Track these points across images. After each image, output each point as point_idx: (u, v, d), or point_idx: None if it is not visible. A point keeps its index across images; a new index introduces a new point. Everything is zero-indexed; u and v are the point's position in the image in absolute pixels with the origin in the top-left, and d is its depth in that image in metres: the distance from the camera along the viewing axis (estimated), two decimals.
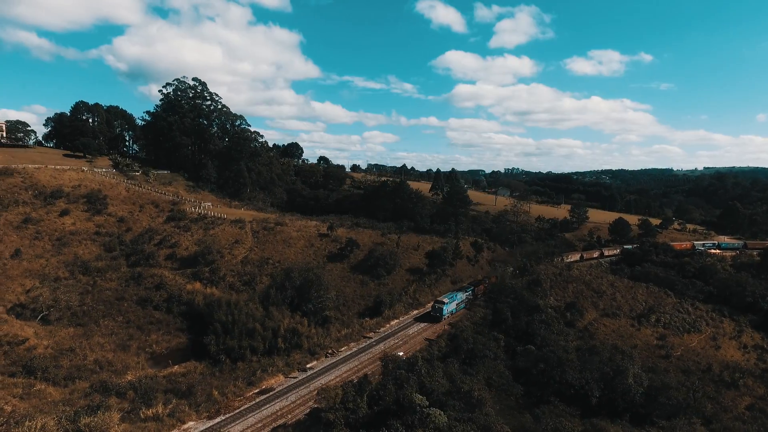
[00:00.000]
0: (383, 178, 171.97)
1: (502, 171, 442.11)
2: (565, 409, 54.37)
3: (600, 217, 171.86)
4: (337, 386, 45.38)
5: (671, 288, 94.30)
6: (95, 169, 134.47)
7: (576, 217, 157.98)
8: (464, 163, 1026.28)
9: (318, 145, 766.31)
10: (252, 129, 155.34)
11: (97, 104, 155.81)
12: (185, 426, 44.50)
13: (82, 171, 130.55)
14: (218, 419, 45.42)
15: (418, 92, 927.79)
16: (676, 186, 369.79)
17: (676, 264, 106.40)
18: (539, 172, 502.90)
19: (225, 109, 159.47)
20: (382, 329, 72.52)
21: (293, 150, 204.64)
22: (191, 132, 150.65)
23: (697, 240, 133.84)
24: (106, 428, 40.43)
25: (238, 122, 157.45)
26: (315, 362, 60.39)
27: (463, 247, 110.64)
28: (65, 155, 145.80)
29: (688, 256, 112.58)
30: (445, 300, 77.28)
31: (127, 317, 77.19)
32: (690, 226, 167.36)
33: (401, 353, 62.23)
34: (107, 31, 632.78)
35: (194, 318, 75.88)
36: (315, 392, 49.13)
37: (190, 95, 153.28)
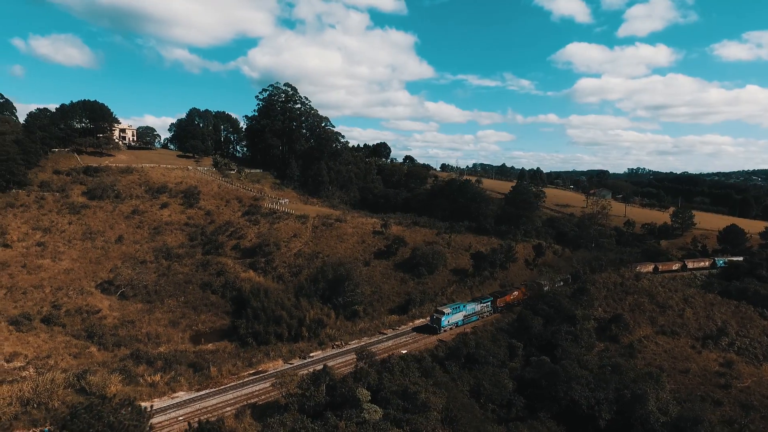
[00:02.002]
0: (464, 177, 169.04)
1: (624, 171, 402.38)
2: (554, 427, 50.26)
3: (719, 223, 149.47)
4: (295, 374, 47.92)
5: None
6: (198, 168, 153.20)
7: (679, 222, 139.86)
8: (587, 162, 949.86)
9: (431, 144, 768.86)
10: (335, 130, 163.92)
11: (207, 110, 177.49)
12: (175, 394, 50.49)
13: (187, 170, 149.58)
14: (203, 392, 50.70)
15: (536, 88, 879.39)
16: None
17: None
18: (671, 172, 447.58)
19: (313, 111, 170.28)
20: (401, 327, 73.04)
21: (381, 150, 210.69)
22: (281, 134, 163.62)
23: None
24: (104, 387, 47.83)
25: (323, 124, 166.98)
26: (319, 352, 63.35)
27: (522, 250, 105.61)
28: (178, 156, 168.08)
29: None
30: (447, 310, 70.60)
31: (187, 298, 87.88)
32: None
33: (404, 351, 62.56)
34: (244, 44, 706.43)
35: (240, 303, 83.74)
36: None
37: (282, 99, 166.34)
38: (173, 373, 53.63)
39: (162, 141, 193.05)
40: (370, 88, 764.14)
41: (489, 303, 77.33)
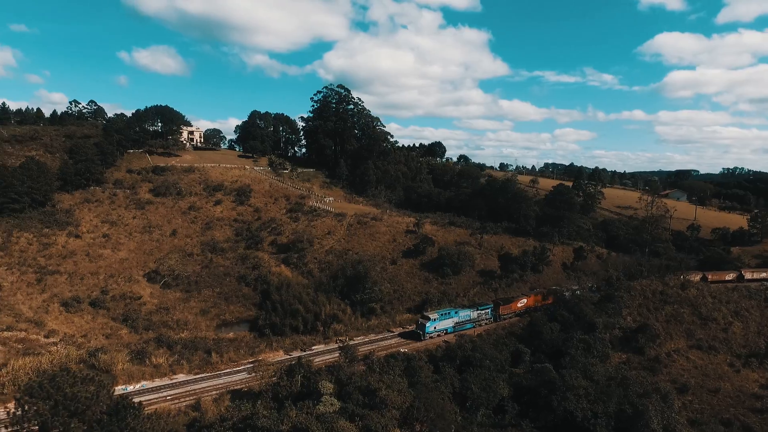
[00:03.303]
0: (516, 177, 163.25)
1: (718, 172, 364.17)
2: None
3: None
4: (270, 364, 49.85)
5: None
6: (255, 168, 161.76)
7: (758, 227, 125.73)
8: (677, 162, 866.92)
9: (505, 144, 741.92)
10: (385, 129, 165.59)
11: (267, 112, 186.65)
12: (175, 376, 54.64)
13: (244, 169, 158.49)
14: (199, 376, 54.42)
15: (620, 83, 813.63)
16: None
17: None
18: None
19: (366, 111, 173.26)
20: (411, 326, 72.91)
21: (436, 149, 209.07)
22: (333, 134, 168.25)
23: None
24: (112, 365, 52.91)
25: (375, 124, 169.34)
26: (322, 346, 65.19)
27: (561, 253, 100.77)
28: (239, 156, 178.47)
29: None
30: (433, 316, 67.51)
31: (222, 289, 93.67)
32: None
33: (404, 350, 62.59)
34: (320, 48, 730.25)
35: (266, 295, 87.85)
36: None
37: (335, 101, 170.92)
38: (177, 356, 57.81)
39: (227, 142, 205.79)
40: (443, 87, 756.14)
41: (489, 310, 72.93)
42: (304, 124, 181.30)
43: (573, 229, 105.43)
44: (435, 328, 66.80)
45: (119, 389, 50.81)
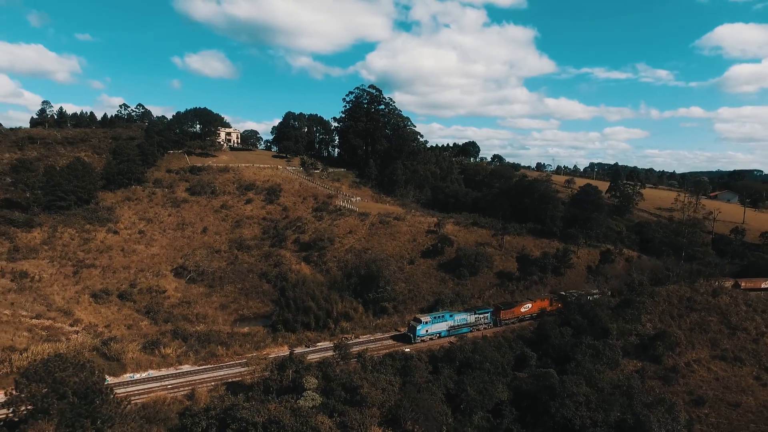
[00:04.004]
0: (552, 178, 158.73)
1: None
2: None
3: None
4: (262, 358, 51.03)
5: None
6: (287, 168, 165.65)
7: None
8: (740, 161, 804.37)
9: (550, 143, 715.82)
10: (415, 129, 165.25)
11: (301, 113, 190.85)
12: (181, 366, 56.95)
13: (277, 169, 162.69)
14: (203, 367, 56.49)
15: (676, 79, 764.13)
16: None
17: None
18: None
19: (397, 111, 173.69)
20: None
21: (469, 148, 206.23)
22: (364, 134, 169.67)
23: None
24: (122, 353, 55.89)
25: (405, 124, 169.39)
26: (327, 343, 65.79)
27: (586, 255, 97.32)
28: (273, 156, 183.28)
29: None
30: (425, 319, 64.87)
31: (244, 285, 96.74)
32: None
33: (408, 349, 62.44)
34: (362, 49, 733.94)
35: (283, 292, 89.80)
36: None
37: (366, 101, 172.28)
38: (185, 348, 60.22)
39: (263, 143, 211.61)
40: (486, 86, 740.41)
41: (488, 315, 70.04)
42: (336, 125, 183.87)
43: (601, 231, 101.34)
44: (427, 331, 64.43)
45: (127, 377, 53.75)
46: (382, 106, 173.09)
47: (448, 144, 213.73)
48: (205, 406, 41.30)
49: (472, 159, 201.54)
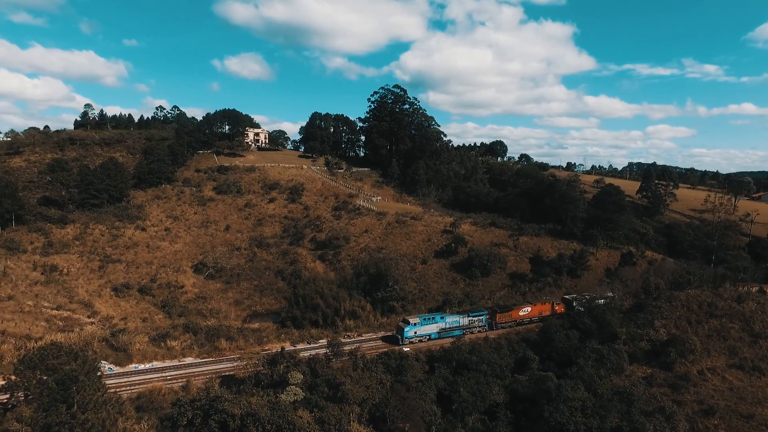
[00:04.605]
0: (580, 178, 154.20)
1: None
2: None
3: None
4: (255, 353, 52.05)
5: None
6: (312, 167, 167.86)
7: None
8: None
9: (590, 142, 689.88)
10: (439, 129, 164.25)
11: (327, 114, 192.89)
12: (185, 359, 58.89)
13: (301, 168, 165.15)
14: (205, 360, 58.23)
15: (726, 74, 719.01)
16: None
17: None
18: None
19: (421, 111, 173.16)
20: None
21: (497, 148, 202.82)
22: (388, 134, 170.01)
23: None
24: (129, 345, 58.34)
25: (429, 123, 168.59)
26: (329, 340, 66.59)
27: (606, 258, 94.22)
28: (300, 156, 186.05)
29: None
30: (414, 320, 63.65)
31: (259, 282, 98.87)
32: None
33: (407, 349, 62.34)
34: (396, 49, 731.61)
35: (296, 289, 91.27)
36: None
37: (390, 101, 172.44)
38: (190, 341, 62.21)
39: (291, 143, 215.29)
40: (523, 84, 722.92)
41: (483, 317, 68.03)
42: (362, 125, 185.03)
43: (623, 233, 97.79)
44: (415, 333, 63.15)
45: (132, 367, 56.10)
46: (407, 106, 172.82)
47: (475, 143, 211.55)
48: (191, 398, 42.56)
49: (499, 159, 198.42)
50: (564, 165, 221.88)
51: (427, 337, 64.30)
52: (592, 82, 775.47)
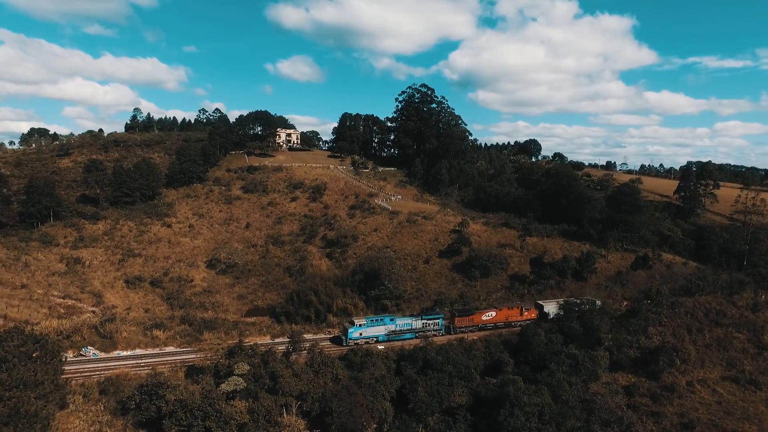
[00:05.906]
0: (616, 178, 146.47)
1: None
2: None
3: None
4: (217, 345, 53.75)
5: None
6: (339, 167, 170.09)
7: None
8: None
9: (650, 141, 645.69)
10: (465, 128, 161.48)
11: (357, 114, 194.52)
12: (166, 348, 61.78)
13: (327, 168, 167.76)
14: (184, 349, 60.79)
15: None
16: None
17: None
18: None
19: (449, 110, 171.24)
20: None
21: (530, 147, 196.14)
22: (415, 134, 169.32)
23: None
24: (115, 333, 61.96)
25: (455, 123, 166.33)
26: (311, 335, 67.60)
27: (618, 260, 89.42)
28: (329, 156, 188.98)
29: None
30: (360, 321, 62.55)
31: (267, 278, 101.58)
32: None
33: (381, 347, 62.22)
34: (445, 47, 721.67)
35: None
36: None
37: (417, 100, 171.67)
38: (173, 332, 65.10)
39: (324, 143, 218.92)
40: (577, 81, 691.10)
41: (439, 321, 65.84)
42: (390, 124, 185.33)
43: (639, 234, 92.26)
44: (361, 334, 62.05)
45: (115, 353, 59.48)
46: (434, 105, 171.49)
47: (508, 142, 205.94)
48: (139, 384, 44.72)
49: (533, 158, 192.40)
50: (636, 165, 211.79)
51: (374, 339, 63.03)
52: (653, 77, 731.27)
